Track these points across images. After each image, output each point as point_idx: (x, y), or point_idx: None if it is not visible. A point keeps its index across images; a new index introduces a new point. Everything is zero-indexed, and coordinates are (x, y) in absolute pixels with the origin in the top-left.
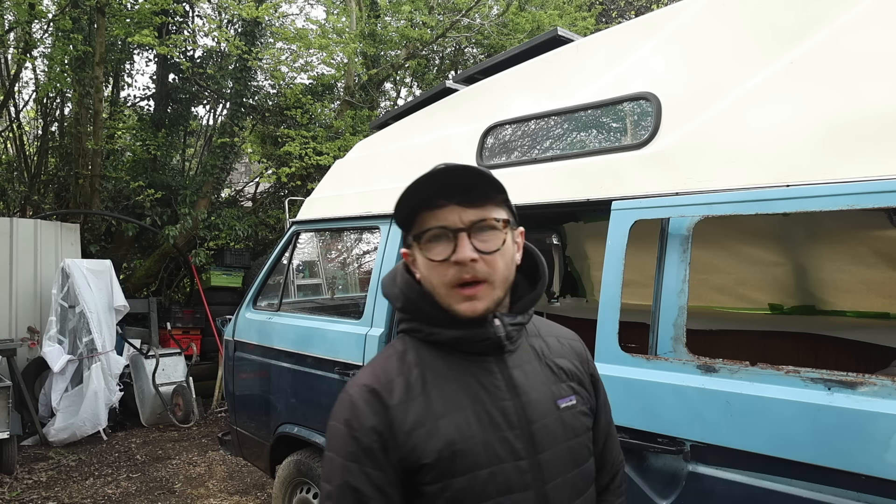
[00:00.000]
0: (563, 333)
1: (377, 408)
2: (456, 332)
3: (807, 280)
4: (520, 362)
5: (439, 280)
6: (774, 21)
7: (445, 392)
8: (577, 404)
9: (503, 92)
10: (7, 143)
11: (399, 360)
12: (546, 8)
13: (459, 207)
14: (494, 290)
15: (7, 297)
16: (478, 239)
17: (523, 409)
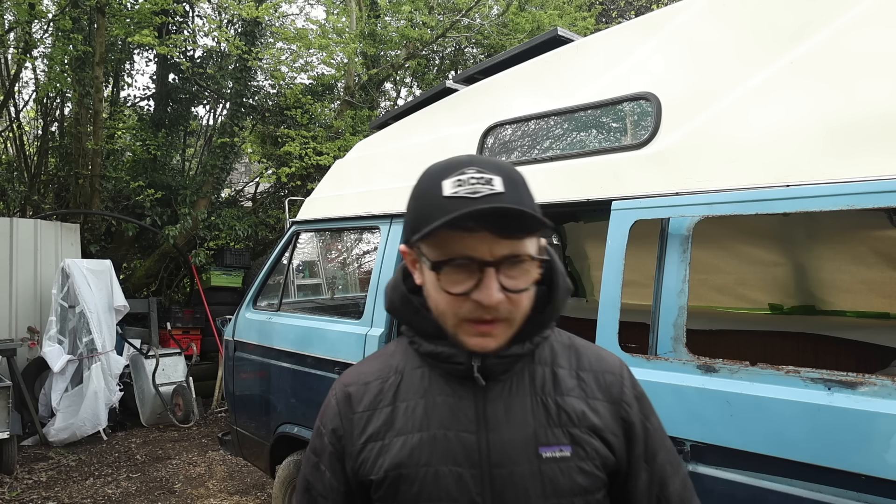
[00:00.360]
0: (593, 364)
1: (344, 410)
2: (433, 346)
3: (807, 280)
4: (504, 394)
5: (451, 310)
6: (775, 21)
7: (413, 408)
8: (571, 458)
9: (503, 92)
10: (7, 143)
11: (385, 361)
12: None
13: (492, 237)
14: (512, 328)
15: (7, 297)
16: (506, 275)
17: (488, 448)
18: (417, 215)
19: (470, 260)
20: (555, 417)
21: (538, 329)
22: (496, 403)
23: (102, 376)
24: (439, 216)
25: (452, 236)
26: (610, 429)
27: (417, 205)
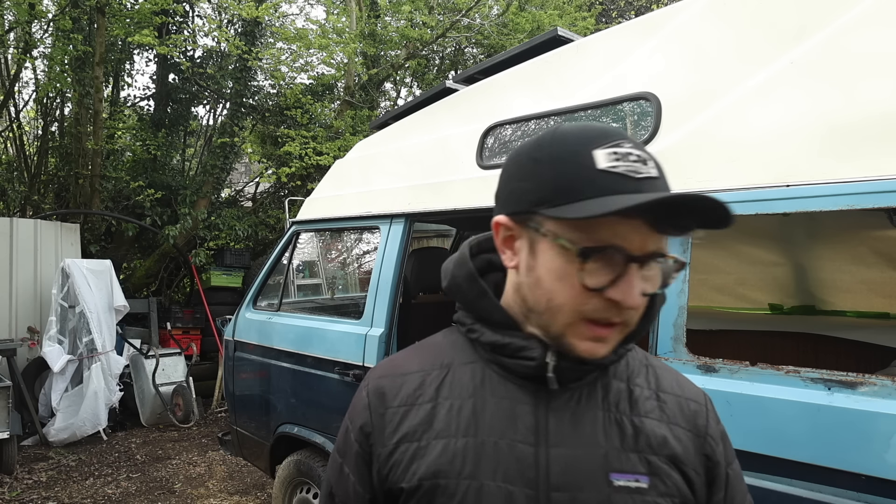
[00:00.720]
0: (675, 387)
1: (375, 404)
2: (499, 335)
3: (807, 280)
4: (572, 405)
5: (573, 306)
6: (775, 21)
7: (458, 407)
8: (648, 489)
9: (503, 92)
10: (7, 143)
11: (428, 353)
12: (546, 8)
13: (647, 229)
14: (623, 334)
15: (7, 297)
16: (643, 274)
17: (548, 465)
18: (558, 185)
19: (619, 251)
20: (631, 440)
21: (630, 339)
22: (562, 414)
23: (102, 376)
24: (592, 192)
25: (607, 219)
26: (692, 464)
27: (558, 172)
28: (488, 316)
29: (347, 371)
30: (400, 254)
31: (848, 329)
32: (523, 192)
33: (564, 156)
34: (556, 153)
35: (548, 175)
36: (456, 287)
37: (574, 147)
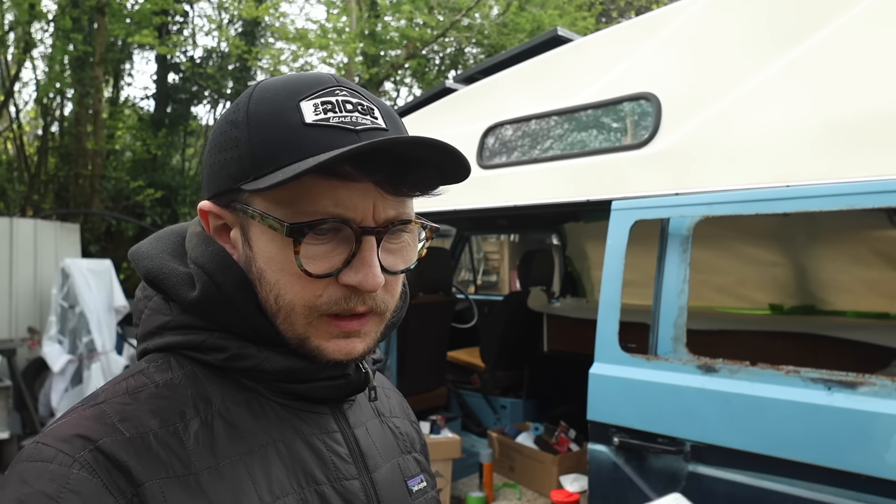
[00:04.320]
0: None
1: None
2: (291, 361)
3: (807, 280)
4: (361, 417)
5: (305, 301)
6: (775, 21)
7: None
8: (426, 487)
9: (503, 92)
10: (7, 143)
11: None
12: (546, 8)
13: (377, 192)
14: (381, 325)
15: (7, 297)
16: (386, 247)
17: (376, 494)
18: (257, 151)
19: (344, 223)
20: (401, 443)
21: (390, 329)
22: (360, 431)
23: (102, 376)
24: (295, 154)
25: (320, 186)
26: (423, 451)
27: (257, 135)
28: (265, 333)
29: None
30: None
31: (848, 329)
32: (224, 166)
33: (264, 114)
34: (255, 112)
35: (246, 141)
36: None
37: (277, 101)
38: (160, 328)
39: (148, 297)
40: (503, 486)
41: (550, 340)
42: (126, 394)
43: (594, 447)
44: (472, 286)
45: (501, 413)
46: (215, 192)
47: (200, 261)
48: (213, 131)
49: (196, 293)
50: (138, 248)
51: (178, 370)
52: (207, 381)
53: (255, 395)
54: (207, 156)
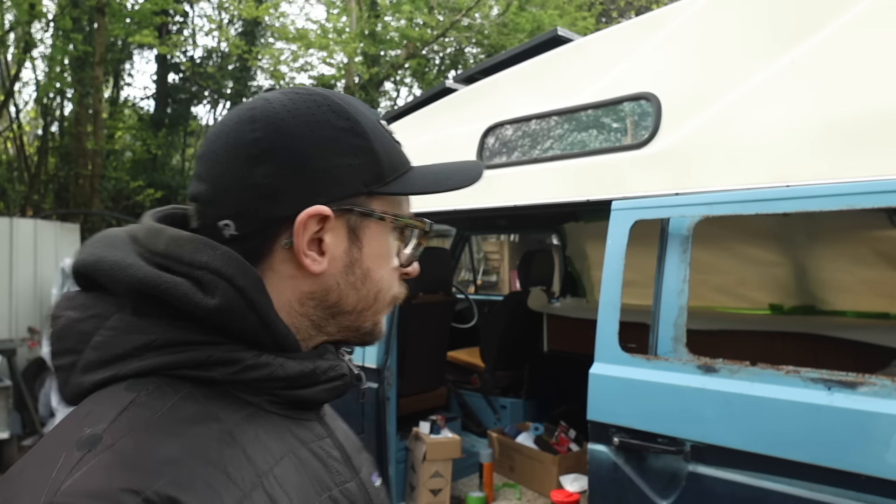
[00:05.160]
0: None
1: None
2: (303, 364)
3: (807, 280)
4: (333, 421)
5: (394, 288)
6: (775, 20)
7: (281, 477)
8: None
9: (503, 92)
10: (7, 143)
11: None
12: (546, 8)
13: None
14: None
15: (7, 297)
16: None
17: (369, 495)
18: (386, 159)
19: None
20: (353, 439)
21: None
22: (339, 433)
23: None
24: (406, 162)
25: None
26: None
27: (379, 143)
28: (283, 341)
29: None
30: None
31: (848, 329)
32: (350, 172)
33: (372, 125)
34: (365, 122)
35: (372, 149)
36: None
37: (369, 115)
38: (138, 350)
39: (101, 314)
40: (503, 486)
41: (550, 340)
42: (136, 430)
43: (594, 447)
44: (472, 286)
45: (501, 413)
46: (338, 195)
47: (214, 265)
48: (283, 138)
49: (216, 300)
50: (106, 257)
51: (175, 395)
52: (209, 402)
53: (256, 410)
54: (291, 166)
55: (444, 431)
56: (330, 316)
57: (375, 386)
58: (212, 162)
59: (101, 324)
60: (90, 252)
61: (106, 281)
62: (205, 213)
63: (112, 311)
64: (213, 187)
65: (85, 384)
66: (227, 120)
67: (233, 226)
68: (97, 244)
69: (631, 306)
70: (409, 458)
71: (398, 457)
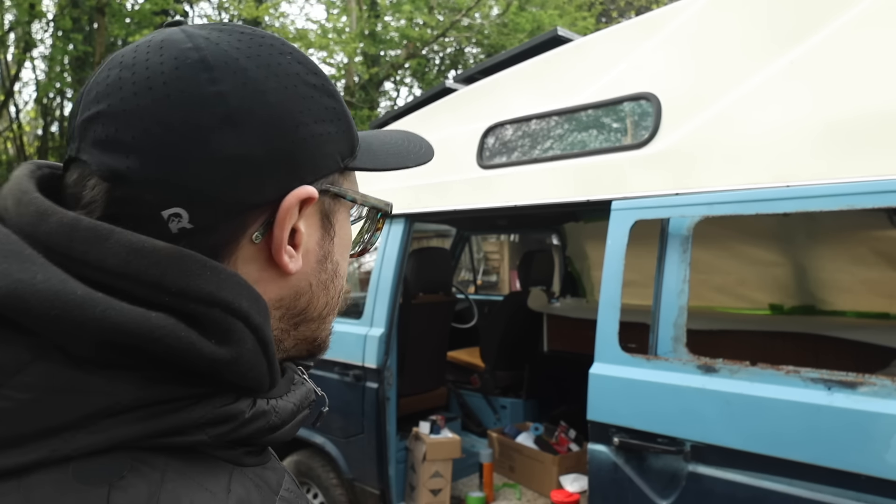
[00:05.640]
0: None
1: None
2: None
3: (807, 280)
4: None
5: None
6: (775, 20)
7: None
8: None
9: (503, 92)
10: (7, 143)
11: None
12: (546, 8)
13: None
14: None
15: None
16: None
17: None
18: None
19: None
20: None
21: None
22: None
23: None
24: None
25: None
26: None
27: (344, 105)
28: (276, 379)
29: (347, 371)
30: (400, 254)
31: (848, 329)
32: (329, 142)
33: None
34: (329, 84)
35: (345, 113)
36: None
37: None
38: (87, 418)
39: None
40: (503, 486)
41: (550, 340)
42: None
43: (594, 447)
44: (472, 286)
45: (501, 413)
46: (320, 173)
47: (224, 298)
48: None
49: (229, 350)
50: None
51: (153, 473)
52: (195, 476)
53: (233, 468)
54: (274, 131)
55: (444, 431)
56: (293, 327)
57: (375, 386)
58: (143, 125)
59: (2, 380)
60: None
61: (33, 322)
62: (136, 199)
63: (24, 360)
64: (153, 162)
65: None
66: (153, 58)
67: (185, 216)
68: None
69: (631, 306)
70: (409, 458)
71: (398, 457)
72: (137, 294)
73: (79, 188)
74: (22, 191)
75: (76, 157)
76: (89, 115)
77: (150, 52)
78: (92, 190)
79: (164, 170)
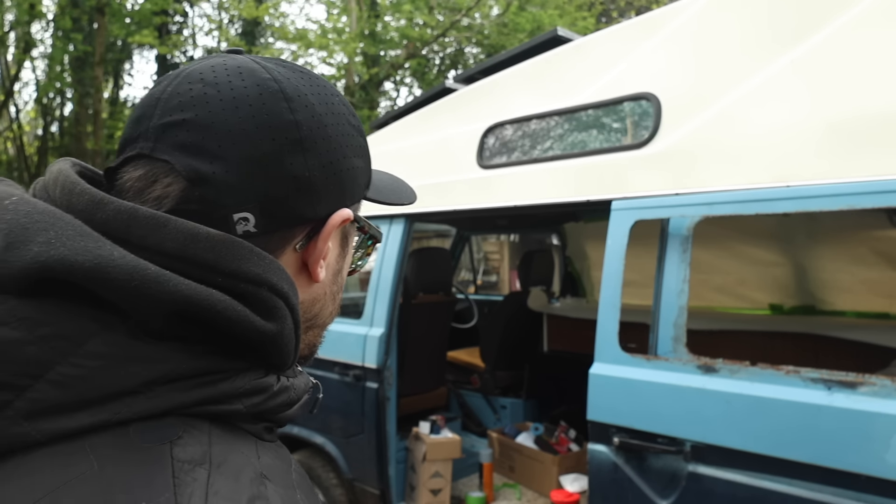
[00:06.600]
0: None
1: None
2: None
3: (807, 280)
4: None
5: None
6: (775, 20)
7: None
8: None
9: (503, 92)
10: (7, 143)
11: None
12: (546, 8)
13: None
14: None
15: None
16: None
17: None
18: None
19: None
20: None
21: None
22: None
23: None
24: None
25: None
26: None
27: (367, 147)
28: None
29: (347, 371)
30: (400, 254)
31: (848, 329)
32: (360, 174)
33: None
34: (358, 123)
35: (367, 150)
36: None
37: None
38: (148, 383)
39: (68, 335)
40: (503, 486)
41: (550, 340)
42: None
43: (594, 447)
44: (472, 286)
45: (501, 413)
46: (354, 199)
47: (269, 279)
48: (322, 127)
49: (274, 324)
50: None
51: (202, 435)
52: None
53: (258, 441)
54: (330, 159)
55: (444, 431)
56: (304, 331)
57: (375, 386)
58: (230, 138)
59: (71, 349)
60: (76, 247)
61: (119, 295)
62: (213, 200)
63: (90, 332)
64: (235, 170)
65: (32, 435)
66: (235, 81)
67: (252, 221)
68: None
69: (631, 306)
70: (409, 458)
71: (398, 457)
72: (192, 275)
73: (144, 182)
74: (72, 182)
75: (150, 155)
76: (171, 120)
77: (230, 74)
78: (167, 186)
79: (244, 179)
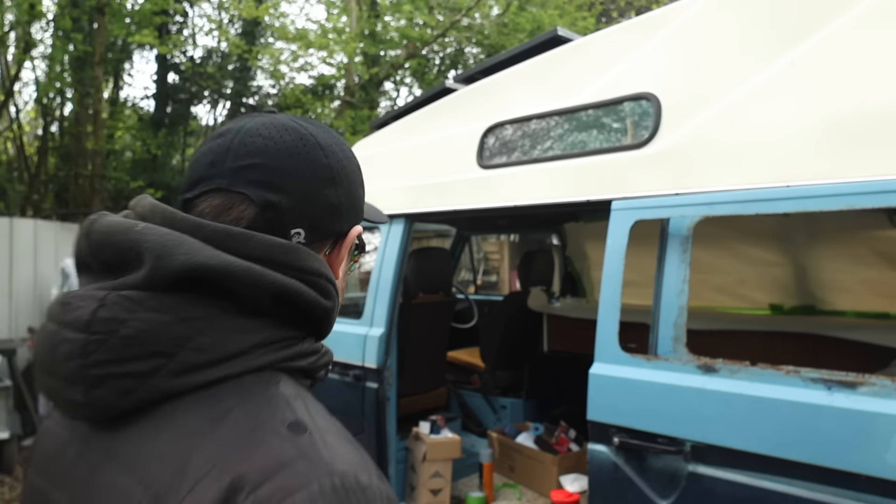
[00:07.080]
0: None
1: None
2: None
3: (807, 280)
4: None
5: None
6: (775, 20)
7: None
8: None
9: (503, 92)
10: (7, 143)
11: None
12: (546, 8)
13: None
14: None
15: (6, 297)
16: None
17: None
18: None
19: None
20: None
21: None
22: None
23: None
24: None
25: None
26: None
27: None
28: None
29: (347, 371)
30: (400, 254)
31: (848, 329)
32: (361, 202)
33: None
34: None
35: (364, 183)
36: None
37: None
38: (251, 348)
39: (200, 317)
40: (503, 486)
41: (550, 340)
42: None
43: (594, 447)
44: (472, 286)
45: (501, 413)
46: (359, 220)
47: (325, 272)
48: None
49: (331, 303)
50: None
51: (288, 381)
52: (300, 387)
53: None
54: (349, 190)
55: (444, 431)
56: None
57: (375, 386)
58: (289, 177)
59: (204, 326)
60: (208, 255)
61: (239, 286)
62: (279, 221)
63: (213, 314)
64: (294, 200)
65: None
66: (285, 136)
67: (303, 234)
68: (184, 244)
69: (631, 306)
70: (409, 458)
71: (398, 457)
72: (274, 271)
73: (221, 209)
74: (171, 212)
75: (227, 188)
76: (245, 164)
77: (279, 131)
78: (242, 211)
79: (299, 206)
